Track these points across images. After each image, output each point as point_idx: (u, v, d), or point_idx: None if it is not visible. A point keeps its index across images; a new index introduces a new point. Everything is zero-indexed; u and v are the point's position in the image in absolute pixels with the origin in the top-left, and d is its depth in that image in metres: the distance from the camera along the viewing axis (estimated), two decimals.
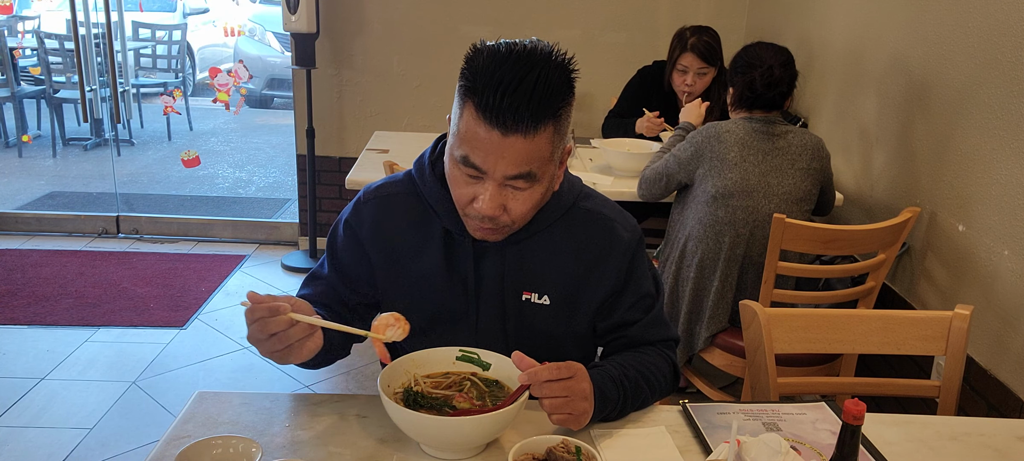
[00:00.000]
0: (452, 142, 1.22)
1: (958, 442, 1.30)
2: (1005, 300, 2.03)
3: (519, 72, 1.13)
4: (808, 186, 2.44)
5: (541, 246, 1.34)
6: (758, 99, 2.43)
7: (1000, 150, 2.06)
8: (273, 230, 4.60)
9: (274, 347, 1.16)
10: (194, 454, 1.10)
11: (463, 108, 1.18)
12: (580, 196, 1.38)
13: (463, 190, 1.23)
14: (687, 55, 3.22)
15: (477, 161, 1.17)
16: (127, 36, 5.84)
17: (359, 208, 1.39)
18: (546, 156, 1.19)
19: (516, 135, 1.14)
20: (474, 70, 1.16)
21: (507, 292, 1.36)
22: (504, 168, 1.17)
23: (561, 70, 1.17)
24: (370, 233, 1.37)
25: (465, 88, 1.17)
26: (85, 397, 2.92)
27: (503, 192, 1.20)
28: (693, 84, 3.24)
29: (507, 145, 1.15)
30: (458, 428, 1.14)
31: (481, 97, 1.14)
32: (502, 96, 1.12)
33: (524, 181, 1.19)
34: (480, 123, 1.15)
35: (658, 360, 1.39)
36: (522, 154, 1.16)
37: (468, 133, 1.17)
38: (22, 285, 3.81)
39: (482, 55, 1.16)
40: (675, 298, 2.57)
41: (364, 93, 4.16)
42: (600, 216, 1.38)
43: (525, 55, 1.15)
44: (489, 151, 1.16)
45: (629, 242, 1.38)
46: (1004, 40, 2.05)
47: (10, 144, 6.72)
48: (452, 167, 1.23)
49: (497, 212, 1.21)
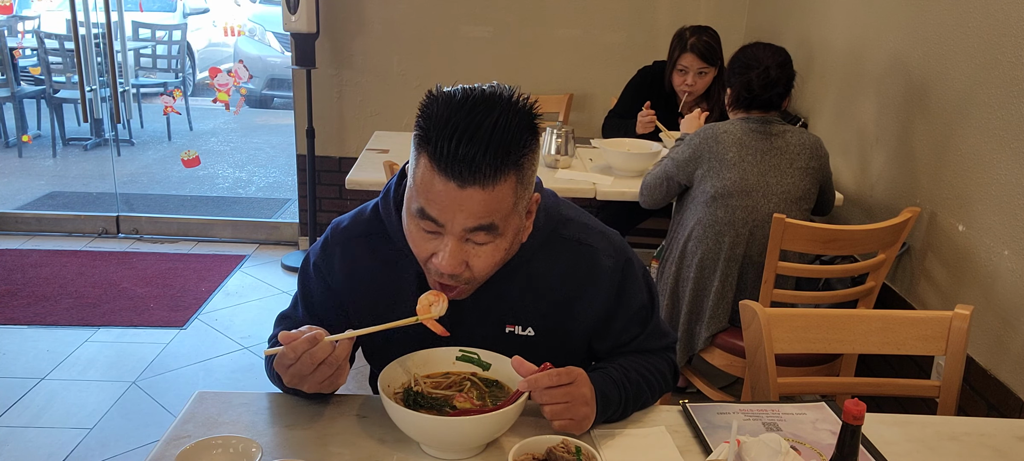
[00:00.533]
0: (408, 194, 1.15)
1: (958, 442, 1.30)
2: (1005, 300, 2.03)
3: (475, 118, 1.06)
4: (807, 185, 2.44)
5: (520, 278, 1.27)
6: (755, 99, 2.44)
7: (1000, 150, 2.06)
8: (273, 230, 4.60)
9: (325, 374, 1.14)
10: (194, 454, 1.10)
11: (419, 157, 1.11)
12: (559, 223, 1.30)
13: (421, 245, 1.16)
14: (687, 55, 3.22)
15: (434, 214, 1.11)
16: (127, 36, 5.84)
17: (328, 251, 1.32)
18: (508, 208, 1.12)
19: (474, 187, 1.07)
20: (428, 118, 1.09)
21: (487, 326, 1.30)
22: (463, 221, 1.10)
23: (522, 115, 1.09)
24: (341, 279, 1.31)
25: (419, 137, 1.10)
26: (85, 397, 2.92)
27: (464, 248, 1.13)
28: (693, 84, 3.24)
29: (465, 197, 1.08)
30: (458, 428, 1.14)
31: (435, 147, 1.07)
32: (457, 144, 1.05)
33: (485, 234, 1.12)
34: (435, 174, 1.08)
35: (658, 362, 1.39)
36: (481, 206, 1.09)
37: (424, 184, 1.10)
38: (22, 285, 3.81)
39: (437, 102, 1.09)
40: (675, 298, 2.57)
41: (364, 93, 4.16)
42: (581, 245, 1.30)
43: (482, 100, 1.07)
44: (446, 204, 1.09)
45: (614, 269, 1.30)
46: (1004, 40, 2.05)
47: (10, 144, 6.72)
48: (409, 221, 1.16)
49: (458, 269, 1.14)
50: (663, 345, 1.42)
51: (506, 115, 1.07)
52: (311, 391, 1.18)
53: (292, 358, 1.13)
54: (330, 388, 1.19)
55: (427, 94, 1.12)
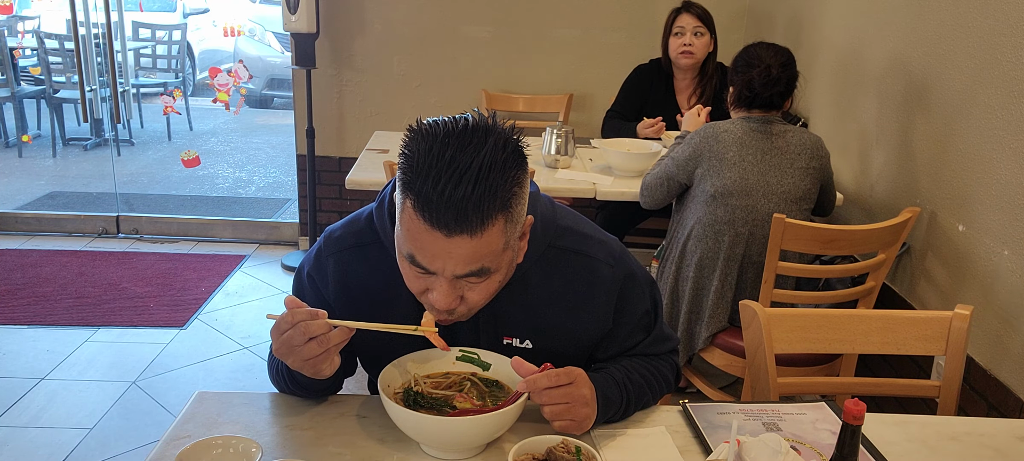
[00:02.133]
0: (397, 235, 1.11)
1: (958, 442, 1.30)
2: (1005, 300, 2.03)
3: (460, 163, 1.00)
4: (807, 185, 2.44)
5: (516, 292, 1.24)
6: (756, 98, 2.43)
7: (1000, 150, 2.06)
8: (273, 230, 4.60)
9: (313, 352, 1.13)
10: (194, 454, 1.10)
11: (404, 201, 1.05)
12: (555, 235, 1.26)
13: (414, 283, 1.13)
14: (683, 16, 3.27)
15: (423, 262, 1.07)
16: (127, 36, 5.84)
17: (321, 262, 1.29)
18: (498, 249, 1.07)
19: (462, 235, 1.02)
20: (411, 160, 1.03)
21: (483, 340, 1.29)
22: (453, 268, 1.07)
23: (506, 148, 1.04)
24: (335, 291, 1.28)
25: (404, 181, 1.05)
26: (85, 397, 2.92)
27: (457, 285, 1.10)
28: (691, 44, 3.26)
29: (453, 246, 1.04)
30: (458, 428, 1.14)
31: (418, 194, 1.02)
32: (441, 193, 1.00)
33: (477, 277, 1.10)
34: (421, 223, 1.03)
35: (661, 364, 1.39)
36: (470, 254, 1.05)
37: (411, 231, 1.06)
38: (22, 285, 3.81)
39: (417, 138, 1.04)
40: (675, 298, 2.57)
41: (364, 93, 4.16)
42: (579, 256, 1.27)
43: (466, 139, 1.02)
44: (435, 254, 1.05)
45: (614, 279, 1.28)
46: (1004, 40, 2.05)
47: (10, 144, 6.72)
48: (400, 260, 1.13)
49: (453, 305, 1.12)
50: (667, 349, 1.41)
51: (491, 153, 1.02)
52: (295, 367, 1.16)
53: (288, 324, 1.13)
54: (313, 370, 1.15)
55: (408, 129, 1.07)
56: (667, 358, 1.41)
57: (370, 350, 1.34)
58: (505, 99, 4.01)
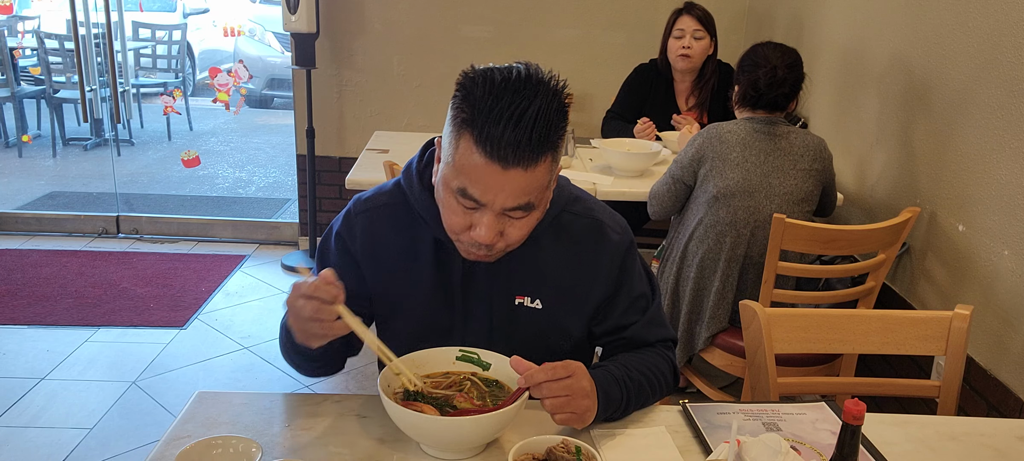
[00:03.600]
0: (446, 172, 1.18)
1: (958, 442, 1.30)
2: (1005, 300, 2.03)
3: (519, 105, 1.10)
4: (810, 187, 2.44)
5: (531, 252, 1.31)
6: (761, 98, 2.43)
7: (1000, 150, 2.06)
8: (273, 230, 4.60)
9: (314, 330, 1.16)
10: (194, 454, 1.10)
11: (459, 139, 1.15)
12: (569, 201, 1.36)
13: (458, 219, 1.20)
14: (683, 17, 3.27)
15: (475, 194, 1.15)
16: (127, 36, 5.84)
17: (350, 221, 1.37)
18: (544, 185, 1.18)
19: (516, 168, 1.12)
20: (471, 101, 1.13)
21: (497, 298, 1.34)
22: (503, 200, 1.15)
23: (557, 99, 1.15)
24: (362, 246, 1.35)
25: (462, 119, 1.14)
26: (85, 397, 2.92)
27: (501, 220, 1.18)
28: (690, 47, 3.26)
29: (507, 178, 1.13)
30: (458, 428, 1.14)
31: (480, 130, 1.11)
32: (503, 130, 1.10)
33: (522, 211, 1.18)
34: (479, 155, 1.12)
35: (658, 361, 1.39)
36: (521, 186, 1.14)
37: (465, 165, 1.14)
38: (22, 285, 3.81)
39: (478, 84, 1.13)
40: (676, 298, 2.57)
41: (364, 93, 4.16)
42: (590, 219, 1.36)
43: (522, 85, 1.12)
44: (488, 184, 1.14)
45: (619, 244, 1.36)
46: (1004, 40, 2.05)
47: (10, 144, 6.72)
48: (447, 196, 1.20)
49: (494, 239, 1.19)
50: (661, 337, 1.42)
51: (547, 101, 1.12)
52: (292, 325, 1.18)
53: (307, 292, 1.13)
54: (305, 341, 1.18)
55: (463, 75, 1.16)
56: (663, 353, 1.41)
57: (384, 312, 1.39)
58: None
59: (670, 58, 3.34)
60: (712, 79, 3.37)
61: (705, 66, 3.36)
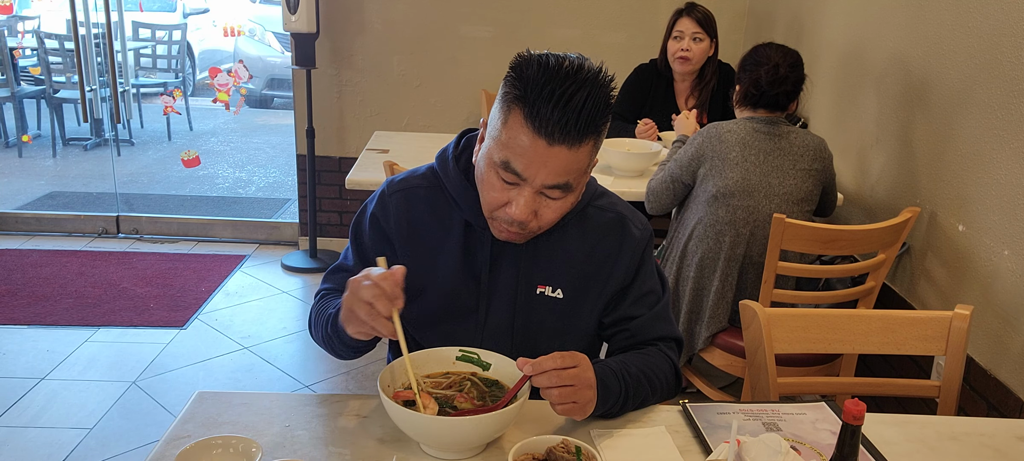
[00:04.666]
0: (491, 146, 1.23)
1: (958, 442, 1.30)
2: (1005, 300, 2.03)
3: (570, 88, 1.16)
4: (810, 187, 2.44)
5: (556, 242, 1.37)
6: (762, 97, 2.43)
7: (1000, 150, 2.06)
8: (273, 230, 4.60)
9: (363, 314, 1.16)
10: (194, 454, 1.10)
11: (509, 115, 1.20)
12: (594, 195, 1.41)
13: (497, 194, 1.24)
14: (683, 19, 3.27)
15: (519, 168, 1.19)
16: (127, 36, 5.84)
17: (384, 200, 1.41)
18: (584, 168, 1.23)
19: (561, 146, 1.17)
20: (524, 79, 1.18)
21: (520, 285, 1.37)
22: (544, 177, 1.19)
23: (605, 89, 1.20)
24: (396, 225, 1.39)
25: (514, 96, 1.19)
26: (85, 397, 2.92)
27: (537, 199, 1.23)
28: (689, 49, 3.26)
29: (551, 155, 1.17)
30: (458, 428, 1.14)
31: (532, 107, 1.16)
32: (553, 108, 1.15)
33: (560, 191, 1.22)
34: (527, 131, 1.17)
35: (659, 360, 1.39)
36: (563, 165, 1.19)
37: (512, 140, 1.19)
38: (22, 285, 3.81)
39: (532, 65, 1.19)
40: (676, 298, 2.57)
41: (364, 93, 4.16)
42: (614, 214, 1.41)
43: (574, 71, 1.17)
44: (532, 159, 1.18)
45: (640, 239, 1.41)
46: (1004, 40, 2.05)
47: (10, 144, 6.72)
48: (488, 171, 1.24)
49: (529, 218, 1.23)
50: (665, 334, 1.43)
51: (595, 88, 1.18)
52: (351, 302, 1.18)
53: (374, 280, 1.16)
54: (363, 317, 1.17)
55: (518, 57, 1.21)
56: (666, 352, 1.41)
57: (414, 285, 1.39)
58: None
59: (669, 60, 3.34)
60: (712, 80, 3.37)
61: (705, 67, 3.36)
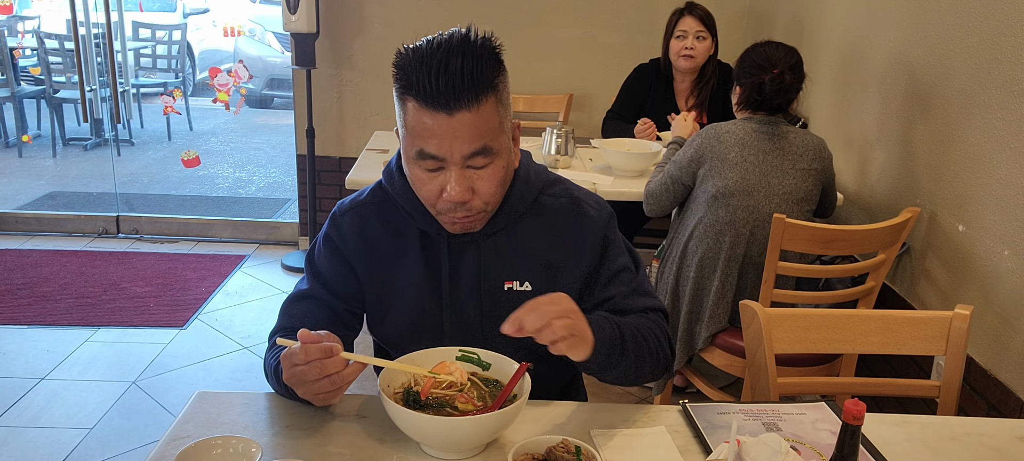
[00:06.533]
0: (404, 145, 1.24)
1: (958, 442, 1.30)
2: (1005, 300, 2.03)
3: (443, 55, 1.16)
4: (809, 186, 2.44)
5: (514, 237, 1.36)
6: (765, 102, 2.42)
7: (1000, 150, 2.06)
8: (273, 230, 4.60)
9: (325, 389, 1.14)
10: (194, 454, 1.10)
11: (405, 107, 1.21)
12: (546, 185, 1.40)
13: (429, 187, 1.23)
14: (686, 18, 3.27)
15: (432, 150, 1.19)
16: (127, 36, 5.84)
17: (337, 221, 1.40)
18: (496, 127, 1.21)
19: (462, 111, 1.17)
20: (405, 69, 1.19)
21: (484, 284, 1.36)
22: (460, 148, 1.18)
23: (485, 44, 1.20)
24: (351, 243, 1.38)
25: (402, 87, 1.20)
26: (85, 397, 2.92)
27: (467, 174, 1.22)
28: (693, 48, 3.26)
29: (456, 123, 1.17)
30: (458, 428, 1.14)
31: (419, 88, 1.17)
32: (436, 79, 1.15)
33: (483, 157, 1.21)
34: (425, 112, 1.17)
35: (646, 321, 1.37)
36: (472, 129, 1.18)
37: (416, 127, 1.19)
38: (22, 285, 3.81)
39: (407, 55, 1.20)
40: (676, 298, 2.57)
41: (364, 93, 4.16)
42: (568, 199, 1.40)
43: (445, 41, 1.18)
44: (441, 136, 1.18)
45: (598, 219, 1.39)
46: (1004, 40, 2.05)
47: (10, 144, 6.72)
48: (412, 168, 1.25)
49: (466, 195, 1.22)
50: (644, 306, 1.40)
51: (471, 46, 1.18)
52: (304, 397, 1.18)
53: (302, 359, 1.13)
54: (322, 402, 1.19)
55: (396, 53, 1.22)
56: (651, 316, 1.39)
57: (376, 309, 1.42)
58: None
59: (672, 59, 3.34)
60: (712, 79, 3.38)
61: (705, 67, 3.36)
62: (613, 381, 1.35)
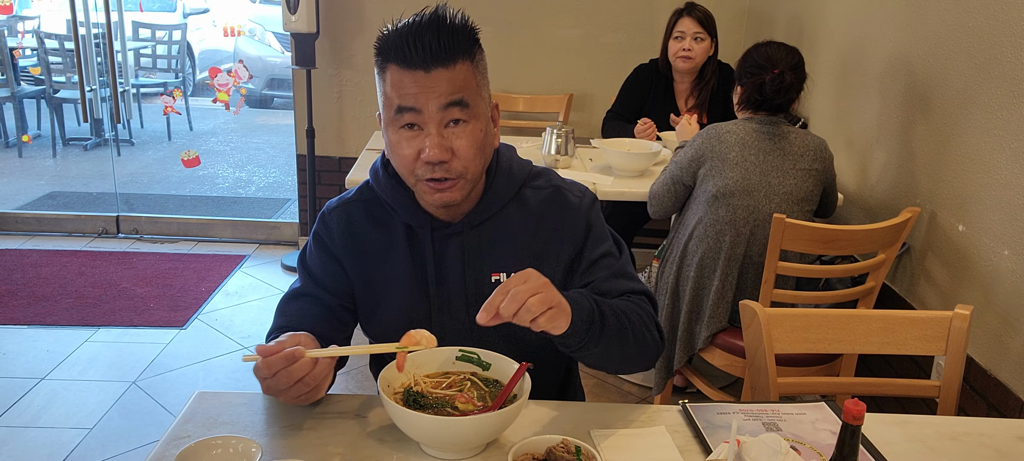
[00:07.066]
0: (385, 113, 1.27)
1: (958, 442, 1.30)
2: (1005, 300, 2.03)
3: (419, 21, 1.23)
4: (810, 186, 2.44)
5: (497, 229, 1.38)
6: (765, 102, 2.42)
7: (1000, 150, 2.06)
8: (273, 230, 4.60)
9: (300, 391, 1.16)
10: (194, 454, 1.10)
11: (385, 77, 1.26)
12: (530, 177, 1.43)
13: (408, 150, 1.26)
14: (684, 19, 3.27)
15: (410, 102, 1.23)
16: (127, 36, 5.84)
17: (325, 219, 1.43)
18: (473, 87, 1.26)
19: (438, 69, 1.22)
20: (384, 43, 1.26)
21: (471, 279, 1.37)
22: (437, 99, 1.22)
23: (462, 19, 1.26)
24: (340, 239, 1.41)
25: (382, 61, 1.26)
26: (85, 397, 2.92)
27: (445, 133, 1.24)
28: (690, 49, 3.26)
29: (433, 79, 1.22)
30: (458, 428, 1.14)
31: (397, 53, 1.23)
32: (413, 40, 1.21)
33: (459, 109, 1.24)
34: (405, 73, 1.23)
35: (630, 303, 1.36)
36: (448, 83, 1.22)
37: (396, 88, 1.24)
38: (22, 285, 3.81)
39: (387, 30, 1.27)
40: (676, 297, 2.57)
41: (364, 93, 4.16)
42: (550, 188, 1.42)
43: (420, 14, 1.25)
44: (419, 90, 1.22)
45: (579, 205, 1.41)
46: (1004, 40, 2.05)
47: (10, 144, 6.73)
48: (393, 134, 1.27)
49: (445, 155, 1.24)
50: (628, 289, 1.39)
51: (446, 16, 1.24)
52: (287, 402, 1.20)
53: (267, 373, 1.14)
54: (306, 402, 1.20)
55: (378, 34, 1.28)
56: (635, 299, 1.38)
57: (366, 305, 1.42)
58: (505, 99, 4.01)
59: (671, 59, 3.34)
60: (712, 80, 3.38)
61: (705, 67, 3.36)
62: (600, 365, 1.34)
